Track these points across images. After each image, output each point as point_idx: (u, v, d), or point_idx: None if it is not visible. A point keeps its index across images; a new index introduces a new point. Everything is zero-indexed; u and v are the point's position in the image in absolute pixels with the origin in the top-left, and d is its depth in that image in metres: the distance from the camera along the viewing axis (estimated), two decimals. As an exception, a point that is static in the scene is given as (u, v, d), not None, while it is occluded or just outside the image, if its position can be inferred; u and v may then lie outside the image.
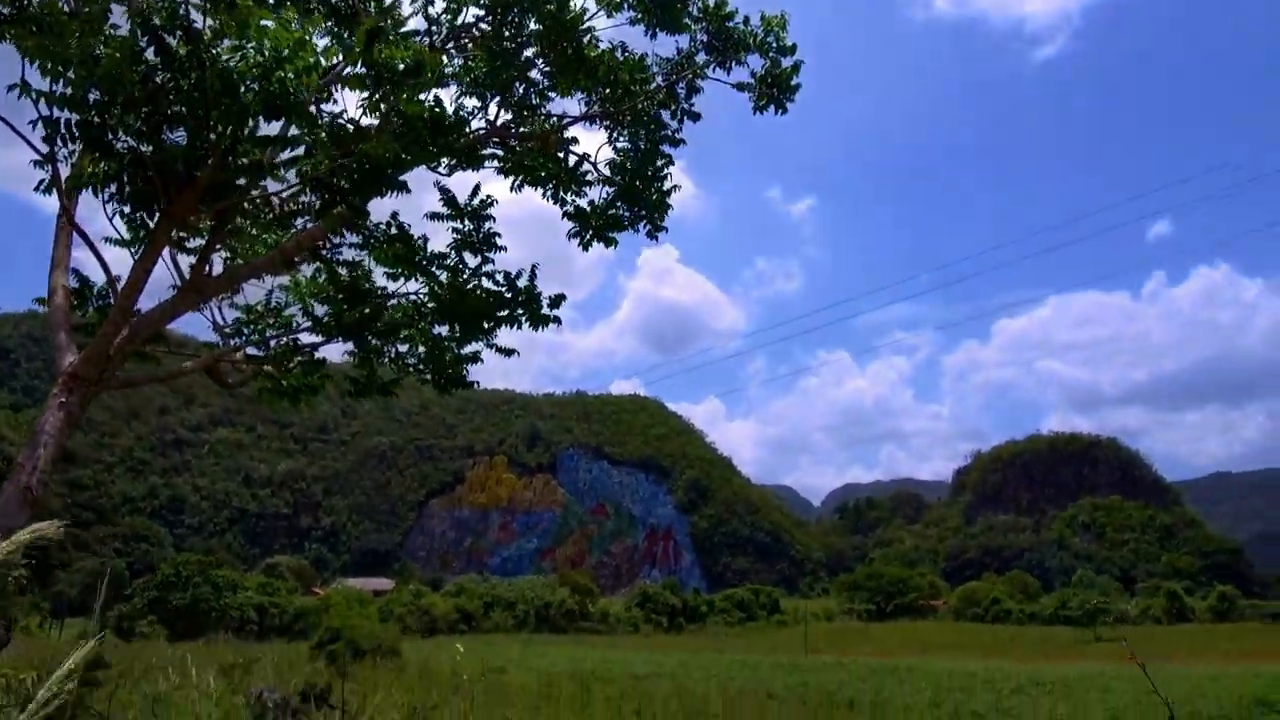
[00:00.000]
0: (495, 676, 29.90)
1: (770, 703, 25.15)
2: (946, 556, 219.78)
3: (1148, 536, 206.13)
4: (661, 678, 33.07)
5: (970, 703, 25.54)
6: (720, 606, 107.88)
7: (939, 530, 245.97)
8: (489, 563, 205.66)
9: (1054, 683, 29.49)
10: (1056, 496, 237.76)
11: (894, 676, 32.61)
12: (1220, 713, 21.64)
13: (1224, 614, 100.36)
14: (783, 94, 8.38)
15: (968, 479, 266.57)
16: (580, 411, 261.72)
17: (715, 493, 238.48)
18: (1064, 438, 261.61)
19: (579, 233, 8.93)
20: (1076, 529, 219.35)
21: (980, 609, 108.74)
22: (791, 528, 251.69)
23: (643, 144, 8.84)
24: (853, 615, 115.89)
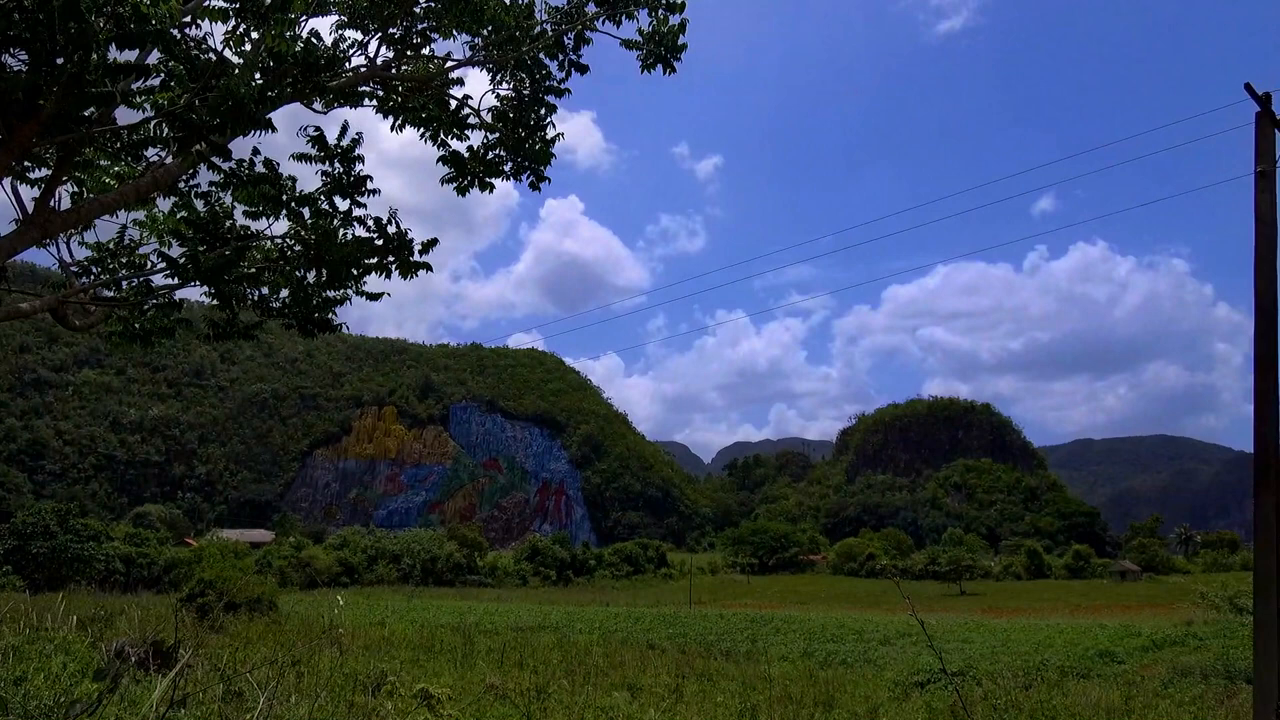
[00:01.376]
0: (376, 629, 29.57)
1: (650, 653, 25.70)
2: (828, 513, 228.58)
3: (1013, 498, 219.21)
4: (546, 630, 33.36)
5: (840, 652, 26.76)
6: (609, 560, 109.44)
7: (821, 488, 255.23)
8: (375, 515, 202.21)
9: (918, 633, 31.15)
10: (932, 458, 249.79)
11: (771, 627, 33.82)
12: (1066, 662, 23.31)
13: (1078, 571, 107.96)
14: (670, 53, 8.26)
15: (851, 439, 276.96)
16: (476, 364, 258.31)
17: (609, 449, 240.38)
18: (942, 402, 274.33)
19: (455, 177, 8.66)
20: (949, 489, 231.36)
21: (856, 564, 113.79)
22: (682, 484, 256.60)
23: (527, 92, 8.60)
24: (737, 569, 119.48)
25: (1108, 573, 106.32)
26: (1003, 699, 16.56)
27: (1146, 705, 15.96)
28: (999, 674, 19.94)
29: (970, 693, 17.61)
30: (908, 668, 21.24)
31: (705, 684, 18.59)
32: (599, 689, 16.52)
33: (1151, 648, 26.21)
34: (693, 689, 17.70)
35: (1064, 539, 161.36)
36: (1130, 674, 21.01)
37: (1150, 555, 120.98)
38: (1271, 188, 12.04)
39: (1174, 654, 24.37)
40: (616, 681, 18.21)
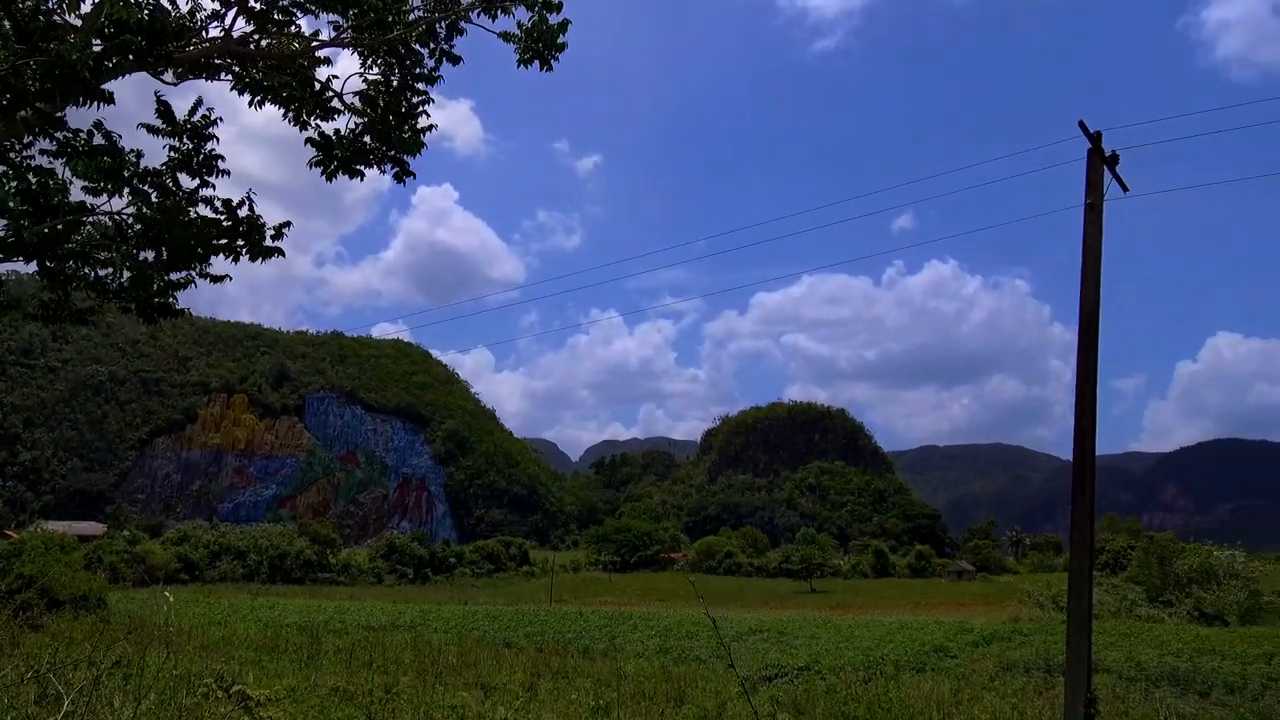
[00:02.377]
0: (215, 628, 28.07)
1: (507, 651, 25.50)
2: (690, 512, 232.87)
3: (863, 499, 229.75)
4: (399, 629, 32.55)
5: (695, 649, 27.31)
6: (470, 558, 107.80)
7: (685, 487, 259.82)
8: (220, 509, 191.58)
9: (770, 630, 32.16)
10: (790, 459, 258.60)
11: (629, 624, 34.12)
12: (904, 657, 24.57)
13: (920, 570, 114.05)
14: (548, 50, 8.21)
15: (714, 440, 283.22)
16: (336, 353, 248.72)
17: (475, 444, 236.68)
18: (801, 406, 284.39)
19: (321, 161, 8.32)
20: (804, 490, 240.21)
21: (715, 561, 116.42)
22: (548, 481, 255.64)
23: (397, 79, 8.36)
24: (599, 567, 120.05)
25: (946, 572, 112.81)
26: (844, 692, 17.35)
27: (973, 698, 17.05)
28: (842, 668, 20.85)
29: (814, 686, 18.35)
30: (759, 663, 21.92)
31: (560, 682, 18.61)
32: (450, 688, 16.27)
33: (981, 643, 27.92)
34: (548, 687, 17.69)
35: (908, 539, 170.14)
36: (961, 668, 22.36)
37: (984, 556, 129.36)
38: (1098, 219, 13.09)
39: (1001, 649, 26.07)
40: (470, 681, 17.98)
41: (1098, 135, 13.31)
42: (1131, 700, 17.35)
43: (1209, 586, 44.40)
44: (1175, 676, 20.22)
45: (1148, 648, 25.17)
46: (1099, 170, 13.20)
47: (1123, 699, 17.40)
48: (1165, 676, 20.29)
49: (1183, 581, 46.10)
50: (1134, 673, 20.77)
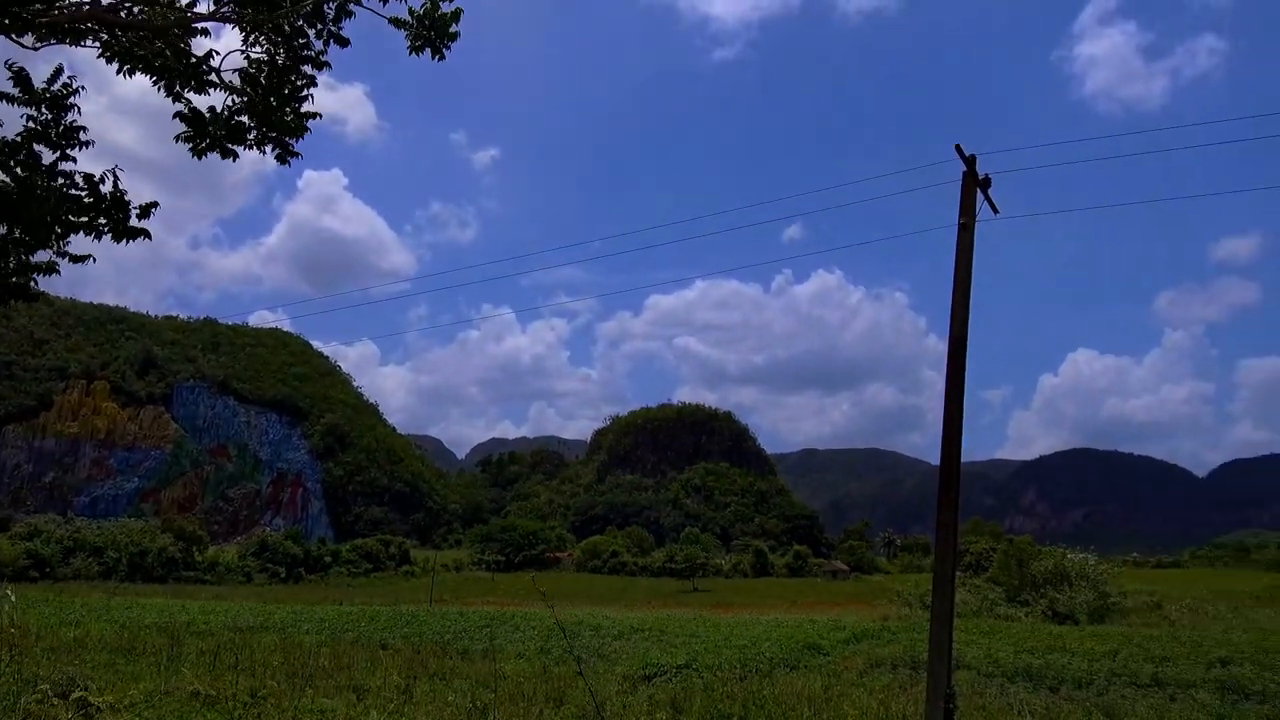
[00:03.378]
0: (67, 629, 26.31)
1: (383, 653, 24.86)
2: (577, 511, 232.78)
3: (746, 500, 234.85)
4: (268, 630, 31.27)
5: (576, 648, 27.29)
6: (347, 557, 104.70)
7: (573, 486, 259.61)
8: (76, 503, 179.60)
9: (652, 628, 32.47)
10: (677, 460, 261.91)
11: (510, 624, 33.81)
12: (779, 654, 25.21)
13: (797, 570, 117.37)
14: (440, 40, 8.02)
15: (604, 440, 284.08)
16: (209, 340, 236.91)
17: (356, 439, 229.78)
18: (690, 408, 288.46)
19: (192, 137, 7.88)
20: (690, 490, 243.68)
21: (600, 561, 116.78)
22: (432, 479, 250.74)
23: (282, 59, 8.01)
24: (483, 566, 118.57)
25: (822, 572, 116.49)
26: (720, 690, 17.66)
27: (843, 694, 17.63)
28: (720, 666, 21.22)
29: (692, 684, 18.61)
30: (639, 662, 22.06)
31: (438, 683, 18.27)
32: (321, 691, 15.74)
33: (853, 641, 28.95)
34: (424, 689, 17.34)
35: (787, 540, 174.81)
36: (833, 665, 23.10)
37: (858, 556, 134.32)
38: (969, 239, 13.76)
39: (871, 646, 27.07)
40: (342, 683, 17.45)
41: (972, 159, 13.99)
42: (989, 695, 18.30)
43: (1062, 587, 47.36)
44: (1029, 673, 21.44)
45: (1005, 645, 26.60)
46: (972, 192, 13.87)
47: (981, 694, 18.34)
48: (1020, 673, 21.49)
49: (1038, 583, 49.01)
50: (992, 669, 21.92)
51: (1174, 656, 24.45)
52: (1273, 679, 20.62)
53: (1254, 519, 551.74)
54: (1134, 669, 22.09)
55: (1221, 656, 24.19)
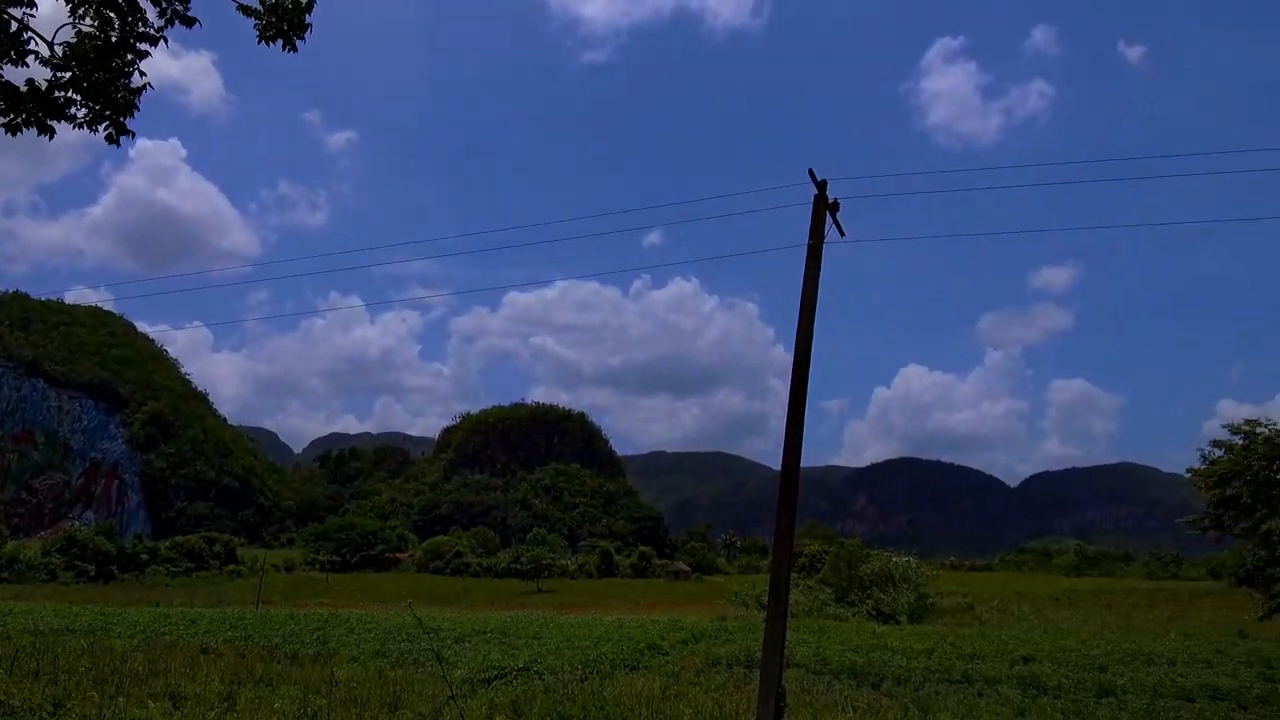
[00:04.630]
0: None
1: (204, 658, 23.43)
2: (421, 510, 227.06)
3: (595, 501, 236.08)
4: (75, 633, 28.86)
5: (414, 651, 26.60)
6: (166, 555, 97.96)
7: (417, 485, 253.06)
8: None
9: (494, 630, 32.09)
10: (528, 460, 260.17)
11: (345, 627, 32.60)
12: (620, 655, 25.47)
13: (641, 571, 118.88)
14: (293, 30, 7.64)
15: (453, 438, 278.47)
16: (18, 316, 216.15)
17: (182, 430, 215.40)
18: (543, 408, 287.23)
19: (5, 112, 7.17)
20: (540, 491, 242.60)
21: (443, 562, 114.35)
22: (264, 473, 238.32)
23: (115, 34, 7.40)
24: (316, 566, 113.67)
25: (665, 572, 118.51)
26: (561, 691, 17.69)
27: (680, 693, 18.03)
28: (561, 668, 21.24)
29: (533, 686, 18.54)
30: (479, 665, 21.77)
31: (263, 690, 17.41)
32: (134, 700, 14.69)
33: (691, 641, 29.64)
34: (248, 695, 16.49)
35: (633, 541, 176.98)
36: (672, 665, 23.56)
37: (700, 557, 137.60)
38: (817, 260, 14.40)
39: (708, 646, 27.79)
40: (158, 690, 16.34)
41: (823, 184, 14.66)
42: (816, 692, 19.17)
43: (887, 589, 50.22)
44: (854, 670, 22.62)
45: (833, 644, 27.94)
46: (822, 215, 14.54)
47: (809, 691, 19.18)
48: (846, 670, 22.63)
49: (866, 584, 51.78)
50: (820, 667, 22.98)
51: (983, 654, 26.41)
52: (1068, 675, 22.61)
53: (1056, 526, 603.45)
54: (947, 666, 23.71)
55: (1024, 654, 26.33)
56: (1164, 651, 27.91)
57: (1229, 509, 15.99)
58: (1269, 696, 20.33)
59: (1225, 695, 20.52)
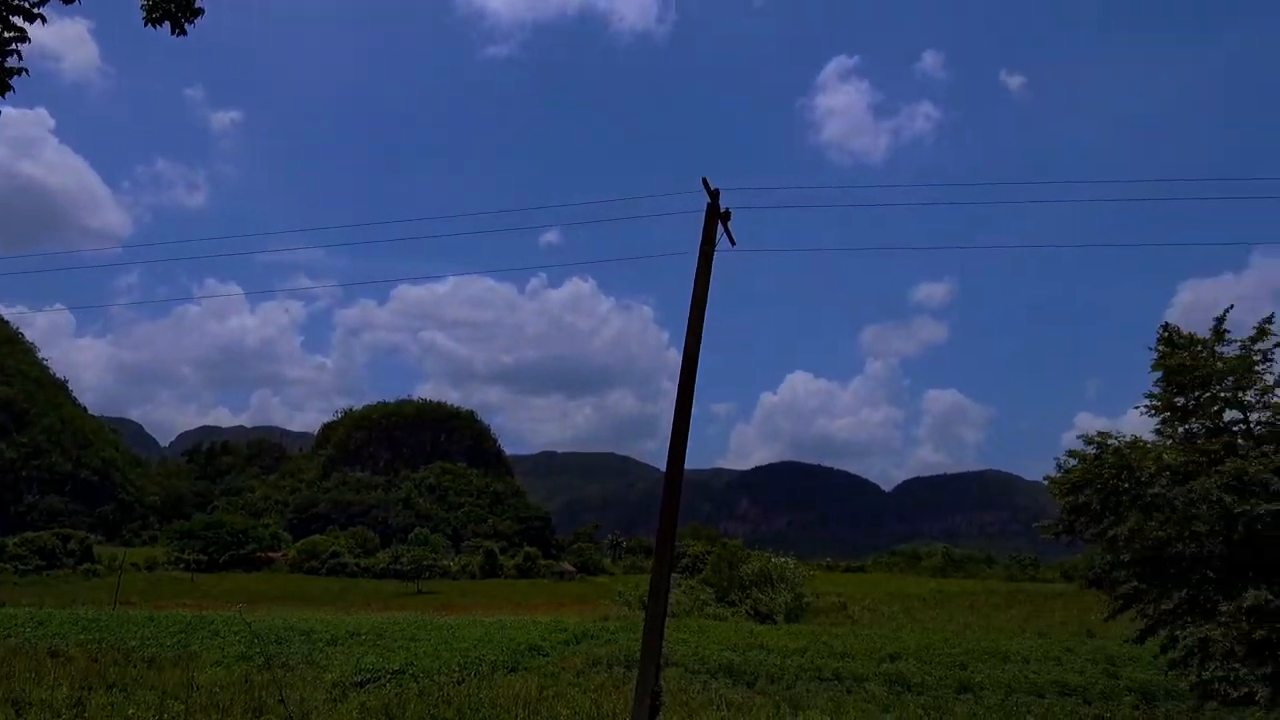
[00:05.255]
0: None
1: (52, 662, 21.96)
2: (296, 509, 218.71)
3: (481, 501, 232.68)
4: (-100, 638, 26.59)
5: (283, 654, 25.63)
6: (14, 552, 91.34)
7: (294, 482, 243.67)
8: None
9: (369, 632, 31.24)
10: (413, 458, 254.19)
11: (209, 629, 31.15)
12: (500, 656, 25.21)
13: (526, 571, 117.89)
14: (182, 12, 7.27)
15: (334, 434, 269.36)
16: None
17: (36, 419, 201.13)
18: (431, 405, 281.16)
19: None
20: (424, 490, 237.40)
21: (319, 562, 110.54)
22: (126, 467, 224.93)
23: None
24: (181, 565, 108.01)
25: (550, 573, 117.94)
26: (436, 694, 17.37)
27: (558, 694, 17.98)
28: (438, 670, 20.86)
29: (408, 689, 18.14)
30: (352, 668, 21.15)
31: (117, 695, 16.44)
32: (-34, 709, 13.62)
33: (573, 641, 29.63)
34: (100, 701, 15.55)
35: (519, 541, 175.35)
36: (552, 666, 23.48)
37: (586, 558, 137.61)
38: (708, 267, 14.64)
39: (590, 647, 27.84)
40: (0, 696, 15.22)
41: (716, 192, 14.92)
42: (693, 691, 19.45)
43: (765, 589, 51.42)
44: (730, 669, 23.07)
45: (712, 643, 28.43)
46: (714, 223, 14.80)
47: (685, 690, 19.45)
48: (722, 669, 23.06)
49: (745, 584, 52.87)
50: (698, 666, 23.34)
51: (853, 653, 27.38)
52: (931, 672, 23.67)
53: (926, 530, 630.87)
54: (819, 664, 24.47)
55: (892, 653, 27.43)
56: (1019, 650, 29.61)
57: (1081, 515, 17.02)
58: (1111, 692, 21.80)
59: (1073, 691, 21.89)
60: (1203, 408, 16.70)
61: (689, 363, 14.06)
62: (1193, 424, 16.95)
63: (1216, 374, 16.27)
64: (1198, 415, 16.79)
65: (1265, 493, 14.17)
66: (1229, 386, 16.36)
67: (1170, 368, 16.82)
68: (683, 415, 13.63)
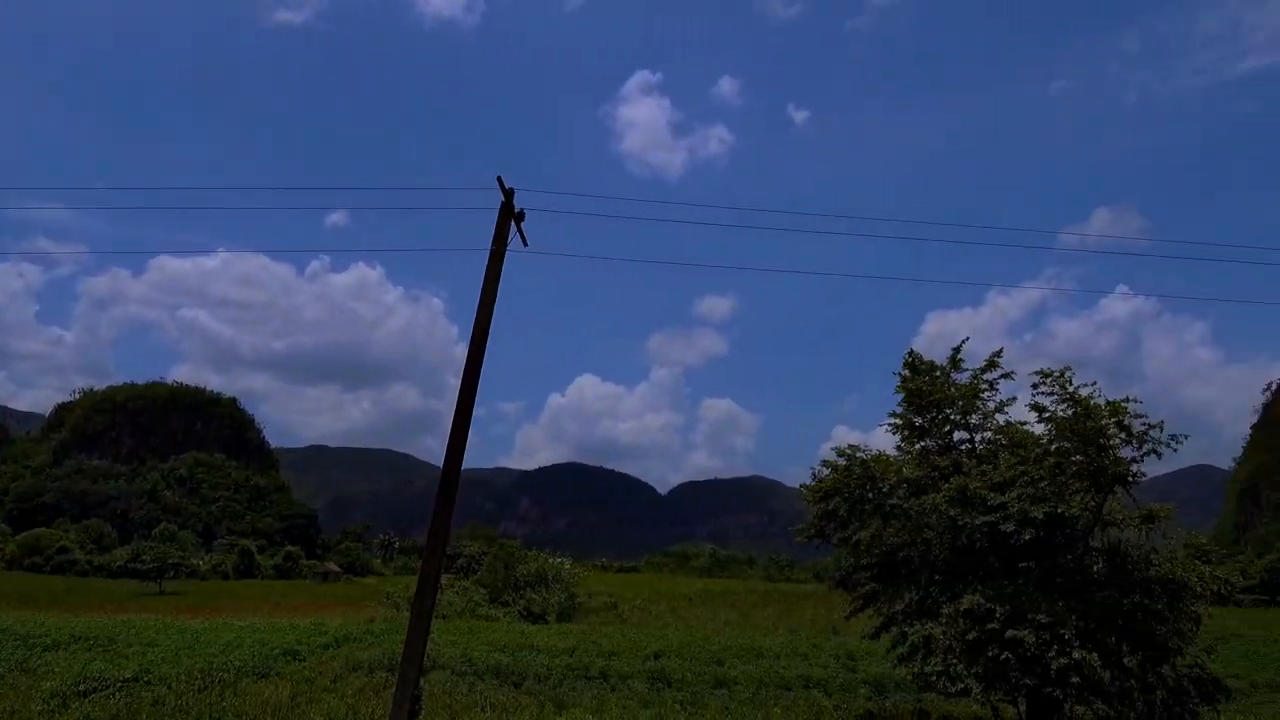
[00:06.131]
0: None
1: None
2: (19, 498, 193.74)
3: (239, 496, 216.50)
4: None
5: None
6: None
7: (16, 468, 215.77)
8: None
9: (98, 636, 28.25)
10: (162, 447, 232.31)
11: (-105, 636, 26.98)
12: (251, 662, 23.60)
13: (287, 572, 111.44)
14: None
15: (68, 416, 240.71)
16: None
17: None
18: (187, 390, 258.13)
19: None
20: (174, 482, 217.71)
21: (43, 558, 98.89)
22: None
23: None
24: None
25: (313, 573, 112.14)
26: (173, 703, 16.01)
27: (312, 700, 17.14)
28: (177, 677, 19.23)
29: (140, 698, 16.62)
30: (75, 675, 19.04)
31: None
32: None
33: (333, 645, 28.28)
34: None
35: (280, 540, 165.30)
36: (308, 671, 22.29)
37: (354, 558, 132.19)
38: (498, 266, 14.54)
39: (351, 650, 26.71)
40: None
41: (510, 192, 14.85)
42: (458, 694, 19.18)
43: (540, 589, 51.62)
44: (499, 670, 22.96)
45: (481, 645, 28.16)
46: (507, 222, 14.73)
47: (450, 694, 19.15)
48: (491, 670, 22.90)
49: (520, 584, 52.84)
50: (465, 668, 23.04)
51: (620, 651, 28.08)
52: (692, 669, 24.74)
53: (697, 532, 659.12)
54: (586, 663, 24.89)
55: (656, 650, 28.39)
56: (772, 646, 31.59)
57: (830, 521, 18.36)
58: (849, 684, 23.78)
59: (816, 684, 23.66)
60: (937, 428, 18.60)
61: (474, 359, 13.91)
62: (928, 442, 18.83)
63: (949, 399, 18.19)
64: (933, 434, 18.68)
65: (983, 506, 15.99)
66: (959, 410, 18.34)
67: (911, 391, 18.59)
68: (464, 411, 13.45)
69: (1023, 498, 15.48)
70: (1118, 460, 15.70)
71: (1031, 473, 16.15)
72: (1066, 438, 16.23)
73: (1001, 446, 18.13)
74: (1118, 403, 15.71)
